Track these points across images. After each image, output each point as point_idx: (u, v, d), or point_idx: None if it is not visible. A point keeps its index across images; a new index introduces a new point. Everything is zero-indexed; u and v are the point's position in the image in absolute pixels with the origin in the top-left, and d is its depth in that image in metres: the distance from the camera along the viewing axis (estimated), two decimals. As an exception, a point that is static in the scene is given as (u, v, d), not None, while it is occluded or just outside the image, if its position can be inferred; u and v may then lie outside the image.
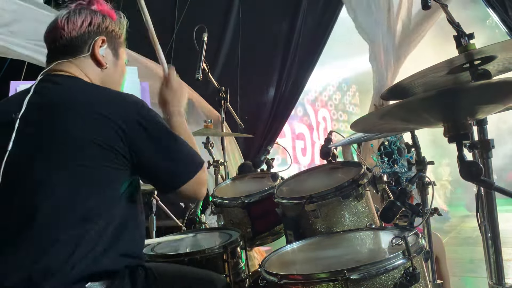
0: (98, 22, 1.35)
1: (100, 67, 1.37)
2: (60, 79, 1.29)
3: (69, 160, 1.15)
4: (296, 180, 2.01)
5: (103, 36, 1.36)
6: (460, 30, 1.39)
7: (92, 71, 1.36)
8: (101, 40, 1.35)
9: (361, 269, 1.14)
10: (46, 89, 1.26)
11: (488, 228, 1.43)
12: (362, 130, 1.54)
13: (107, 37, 1.37)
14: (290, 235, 1.79)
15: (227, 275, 1.69)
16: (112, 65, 1.40)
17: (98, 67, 1.37)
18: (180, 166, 1.28)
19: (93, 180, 1.16)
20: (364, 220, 1.65)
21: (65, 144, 1.16)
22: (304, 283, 1.19)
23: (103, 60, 1.36)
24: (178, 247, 1.89)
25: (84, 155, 1.15)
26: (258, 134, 4.80)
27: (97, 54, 1.35)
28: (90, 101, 1.21)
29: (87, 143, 1.15)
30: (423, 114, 1.10)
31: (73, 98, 1.23)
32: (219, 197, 2.10)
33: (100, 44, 1.35)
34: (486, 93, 0.92)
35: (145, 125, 1.21)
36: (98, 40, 1.35)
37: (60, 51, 1.33)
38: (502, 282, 1.35)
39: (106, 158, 1.17)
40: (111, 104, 1.21)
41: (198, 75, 2.58)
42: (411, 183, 1.50)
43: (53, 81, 1.29)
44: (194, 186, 1.28)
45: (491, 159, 1.30)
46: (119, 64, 1.44)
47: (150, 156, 1.23)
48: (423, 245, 1.26)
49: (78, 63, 1.33)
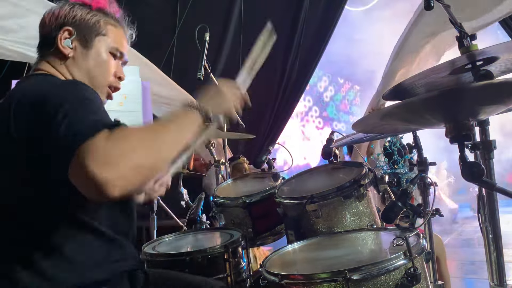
0: (64, 14, 1.30)
1: (65, 59, 1.30)
2: (31, 79, 1.27)
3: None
4: (297, 180, 2.01)
5: (68, 27, 1.29)
6: (462, 31, 1.38)
7: (59, 65, 1.31)
8: (64, 31, 1.29)
9: (362, 270, 1.13)
10: (12, 91, 1.21)
11: (489, 229, 1.43)
12: (363, 130, 1.54)
13: (74, 27, 1.30)
14: (291, 235, 1.79)
15: (228, 275, 1.69)
16: (81, 55, 1.31)
17: (64, 58, 1.30)
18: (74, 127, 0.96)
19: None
20: (366, 220, 1.64)
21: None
22: (305, 283, 1.19)
23: (66, 51, 1.29)
24: (180, 246, 1.89)
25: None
26: (259, 134, 4.80)
27: (59, 46, 1.28)
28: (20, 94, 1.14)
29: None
30: (424, 114, 1.10)
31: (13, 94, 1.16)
32: (220, 197, 2.10)
33: (67, 36, 1.29)
34: (488, 94, 0.92)
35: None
36: (63, 31, 1.29)
37: (39, 52, 1.34)
38: (504, 283, 1.34)
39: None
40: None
41: (199, 74, 2.58)
42: (413, 184, 1.50)
43: (23, 81, 1.27)
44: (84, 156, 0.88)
45: (493, 160, 1.30)
46: (91, 53, 1.32)
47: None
48: (425, 246, 1.26)
49: (49, 60, 1.31)
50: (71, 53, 1.30)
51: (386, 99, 1.42)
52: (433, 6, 1.44)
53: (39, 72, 1.29)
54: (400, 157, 2.84)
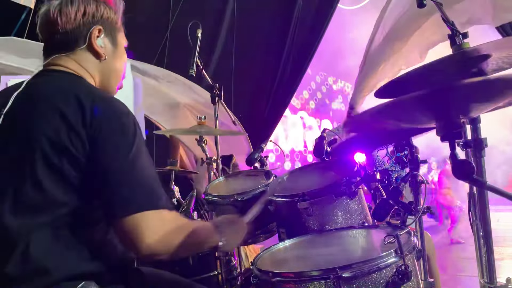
0: (92, 11, 1.28)
1: (99, 59, 1.31)
2: (55, 75, 1.25)
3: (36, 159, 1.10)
4: (289, 178, 2.01)
5: (99, 25, 1.29)
6: (454, 29, 1.39)
7: (91, 64, 1.30)
8: (97, 30, 1.29)
9: (354, 267, 1.13)
10: (33, 85, 1.23)
11: (480, 227, 1.44)
12: (354, 129, 1.54)
13: (103, 26, 1.30)
14: (282, 233, 1.79)
15: (219, 273, 1.69)
16: (111, 54, 1.34)
17: (97, 58, 1.31)
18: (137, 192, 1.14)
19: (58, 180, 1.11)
20: (357, 218, 1.65)
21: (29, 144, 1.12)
22: (296, 281, 1.19)
23: (101, 51, 1.30)
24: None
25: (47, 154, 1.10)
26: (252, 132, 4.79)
27: (94, 45, 1.29)
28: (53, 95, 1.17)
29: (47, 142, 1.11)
30: (415, 112, 1.10)
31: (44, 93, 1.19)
32: (212, 194, 2.09)
33: (97, 34, 1.29)
34: (480, 91, 0.92)
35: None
36: (94, 30, 1.28)
37: (56, 46, 1.27)
38: (494, 281, 1.35)
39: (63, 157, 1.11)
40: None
41: (191, 71, 2.56)
42: (404, 182, 1.51)
43: (46, 76, 1.26)
44: (155, 222, 1.13)
45: (484, 158, 1.30)
46: (118, 51, 1.37)
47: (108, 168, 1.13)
48: (416, 244, 1.26)
49: (76, 57, 1.28)
50: (104, 52, 1.31)
51: (378, 97, 1.41)
52: (425, 4, 1.44)
53: (66, 70, 1.26)
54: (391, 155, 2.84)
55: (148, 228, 1.11)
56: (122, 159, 1.12)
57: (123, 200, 1.11)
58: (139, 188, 1.13)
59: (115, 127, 1.14)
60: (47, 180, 1.10)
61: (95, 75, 1.32)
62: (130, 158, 1.13)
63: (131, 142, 1.14)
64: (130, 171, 1.13)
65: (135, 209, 1.11)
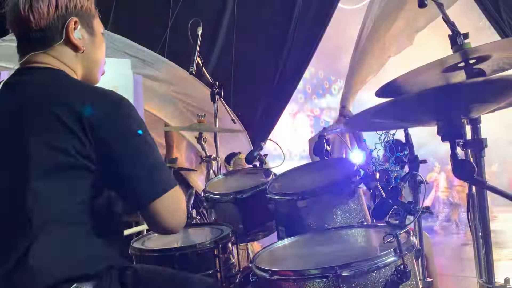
0: (65, 3, 1.21)
1: (78, 51, 1.25)
2: (38, 73, 1.21)
3: (34, 162, 1.10)
4: (289, 176, 2.01)
5: (73, 17, 1.23)
6: (455, 30, 1.39)
7: (70, 58, 1.26)
8: (73, 22, 1.22)
9: (353, 266, 1.13)
10: (16, 85, 1.20)
11: (479, 227, 1.44)
12: (356, 127, 1.54)
13: (78, 17, 1.24)
14: (281, 231, 1.79)
15: (217, 271, 1.68)
16: (90, 44, 1.29)
17: (76, 51, 1.25)
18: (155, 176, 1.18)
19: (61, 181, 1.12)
20: (356, 217, 1.65)
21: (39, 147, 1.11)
22: (295, 279, 1.19)
23: (79, 44, 1.25)
24: (169, 242, 1.87)
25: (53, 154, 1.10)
26: (251, 130, 4.79)
27: (72, 39, 1.23)
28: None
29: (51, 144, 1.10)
30: (416, 112, 1.10)
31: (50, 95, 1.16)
32: (211, 192, 2.09)
33: (74, 27, 1.23)
34: (481, 91, 0.92)
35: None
36: (70, 23, 1.22)
37: (32, 43, 1.21)
38: (492, 281, 1.35)
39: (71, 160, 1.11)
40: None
41: (192, 69, 2.56)
42: (404, 181, 1.50)
43: (28, 74, 1.21)
44: (170, 203, 1.19)
45: (484, 158, 1.30)
46: (96, 40, 1.32)
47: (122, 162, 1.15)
48: (415, 243, 1.26)
49: (54, 53, 1.23)
50: (82, 44, 1.26)
51: (379, 96, 1.42)
52: (426, 4, 1.44)
53: (47, 66, 1.22)
54: (391, 154, 2.85)
55: (174, 205, 1.20)
56: (133, 145, 1.15)
57: (148, 184, 1.16)
58: (156, 171, 1.18)
59: (115, 118, 1.15)
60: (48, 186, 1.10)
61: (76, 68, 1.28)
62: (141, 140, 1.16)
63: (135, 126, 1.17)
64: (144, 155, 1.17)
65: (161, 192, 1.16)
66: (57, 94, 1.16)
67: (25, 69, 1.23)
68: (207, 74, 2.78)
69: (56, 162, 1.10)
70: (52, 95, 1.16)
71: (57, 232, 1.11)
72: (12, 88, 1.19)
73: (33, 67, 1.22)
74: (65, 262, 1.10)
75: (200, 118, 2.65)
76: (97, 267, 1.14)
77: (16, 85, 1.20)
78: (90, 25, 1.29)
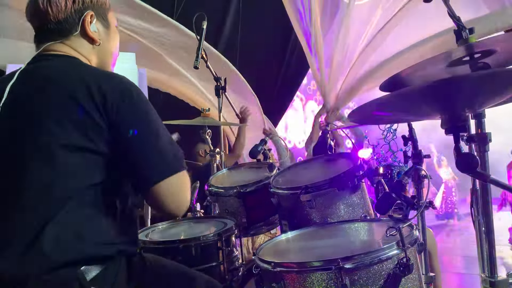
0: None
1: (94, 44, 1.32)
2: (55, 59, 1.26)
3: (52, 142, 1.13)
4: (292, 171, 2.01)
5: (90, 11, 1.29)
6: (460, 24, 1.38)
7: (86, 49, 1.31)
8: (89, 16, 1.29)
9: (355, 259, 1.14)
10: (35, 70, 1.24)
11: (482, 222, 1.43)
12: (359, 120, 1.54)
13: (94, 10, 1.30)
14: (285, 225, 1.80)
15: (221, 263, 1.69)
16: (105, 37, 1.35)
17: (91, 43, 1.32)
18: (164, 158, 1.20)
19: (72, 164, 1.14)
20: (359, 211, 1.65)
21: (46, 127, 1.14)
22: (298, 271, 1.20)
23: (95, 36, 1.31)
24: (173, 234, 1.89)
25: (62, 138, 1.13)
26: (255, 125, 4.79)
27: (88, 32, 1.29)
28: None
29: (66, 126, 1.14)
30: (420, 105, 1.10)
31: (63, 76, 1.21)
32: (215, 186, 2.10)
33: (90, 20, 1.29)
34: (485, 84, 0.92)
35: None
36: (86, 16, 1.28)
37: (50, 34, 1.28)
38: (494, 275, 1.35)
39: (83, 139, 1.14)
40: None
41: (196, 63, 2.56)
42: (407, 176, 1.50)
43: (45, 60, 1.26)
44: (171, 187, 1.19)
45: (488, 152, 1.30)
46: (111, 33, 1.38)
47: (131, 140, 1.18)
48: (417, 237, 1.26)
49: (70, 43, 1.29)
50: (98, 37, 1.32)
51: (383, 90, 1.41)
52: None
53: (63, 53, 1.27)
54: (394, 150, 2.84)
55: (182, 187, 1.22)
56: (146, 127, 1.19)
57: (157, 165, 1.18)
58: (165, 153, 1.19)
59: (129, 101, 1.18)
60: (66, 163, 1.13)
61: (91, 59, 1.33)
62: (152, 124, 1.20)
63: (148, 109, 1.21)
64: (155, 136, 1.19)
65: (169, 173, 1.18)
66: (73, 77, 1.20)
67: (42, 55, 1.27)
68: (211, 68, 2.78)
69: (71, 140, 1.13)
70: (68, 78, 1.20)
71: (73, 213, 1.12)
72: (30, 73, 1.23)
73: (50, 54, 1.27)
74: (77, 244, 1.11)
75: (204, 112, 2.65)
76: (106, 251, 1.16)
77: (34, 70, 1.24)
78: (105, 18, 1.36)
